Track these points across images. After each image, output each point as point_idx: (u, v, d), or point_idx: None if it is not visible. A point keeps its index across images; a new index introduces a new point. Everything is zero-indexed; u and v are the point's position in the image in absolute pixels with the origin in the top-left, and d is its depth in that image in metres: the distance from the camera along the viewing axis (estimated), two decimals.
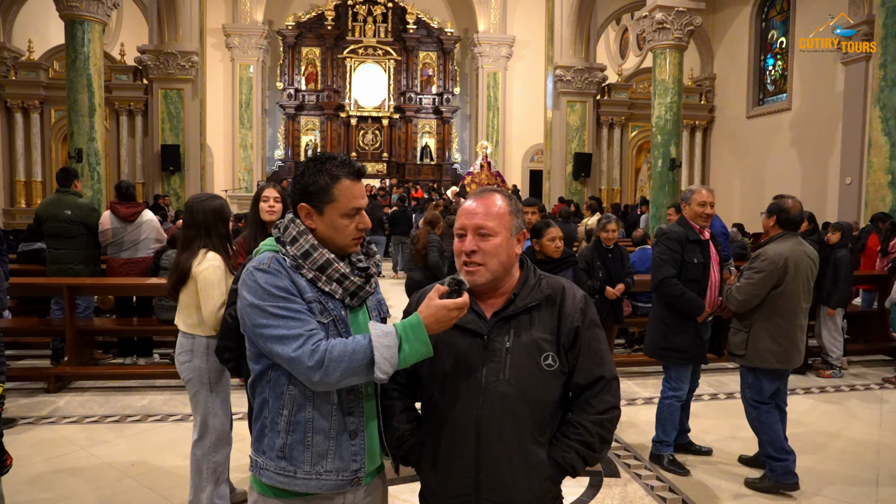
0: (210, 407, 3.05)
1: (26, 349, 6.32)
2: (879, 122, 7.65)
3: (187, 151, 14.22)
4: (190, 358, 3.04)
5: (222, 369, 3.03)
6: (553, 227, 4.02)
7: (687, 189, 4.08)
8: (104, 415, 4.74)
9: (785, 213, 3.63)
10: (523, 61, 19.65)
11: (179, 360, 3.07)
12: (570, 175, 15.38)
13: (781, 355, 3.57)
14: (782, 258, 3.54)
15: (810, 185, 12.79)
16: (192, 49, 13.96)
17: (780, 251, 3.56)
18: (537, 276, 1.69)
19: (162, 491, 3.50)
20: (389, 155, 20.56)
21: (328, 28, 19.89)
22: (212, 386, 3.03)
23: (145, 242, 5.94)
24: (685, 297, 3.76)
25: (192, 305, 3.03)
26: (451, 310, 1.50)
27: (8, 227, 13.08)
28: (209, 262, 2.99)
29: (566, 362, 1.63)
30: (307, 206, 1.61)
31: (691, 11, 10.90)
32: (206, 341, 3.00)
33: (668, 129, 11.06)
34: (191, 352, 3.03)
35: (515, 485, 1.57)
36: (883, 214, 7.36)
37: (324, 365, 1.46)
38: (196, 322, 3.02)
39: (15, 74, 13.91)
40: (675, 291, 3.77)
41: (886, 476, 3.85)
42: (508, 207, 1.64)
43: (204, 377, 3.02)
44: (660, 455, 3.94)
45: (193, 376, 3.04)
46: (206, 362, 3.01)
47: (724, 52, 16.41)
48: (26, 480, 3.58)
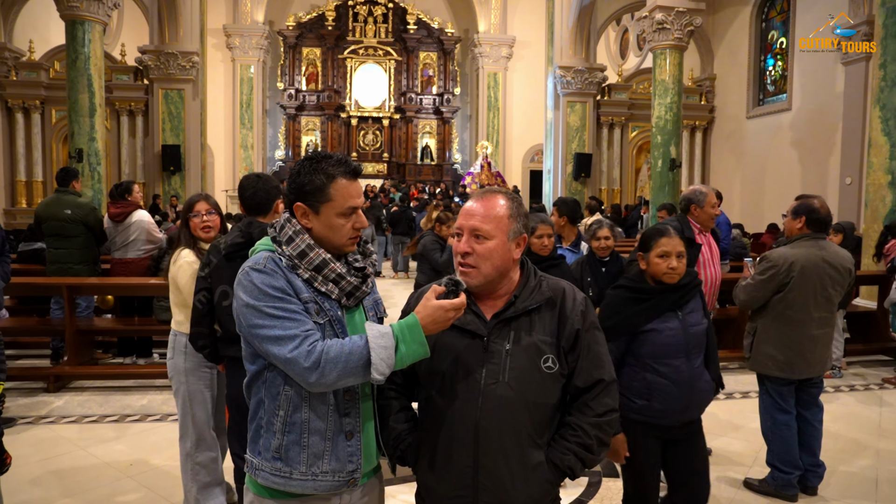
0: (187, 406, 3.04)
1: (26, 349, 6.32)
2: (879, 122, 7.64)
3: (188, 151, 14.22)
4: (172, 355, 3.07)
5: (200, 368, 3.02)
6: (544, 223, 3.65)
7: (696, 191, 3.97)
8: (103, 414, 4.74)
9: (815, 213, 3.40)
10: (523, 62, 19.65)
11: (167, 357, 3.11)
12: (570, 175, 15.38)
13: (784, 364, 3.40)
14: (787, 262, 3.34)
15: (810, 186, 12.77)
16: (192, 49, 13.96)
17: (787, 255, 3.37)
18: (538, 279, 1.68)
19: (160, 491, 3.50)
20: (390, 155, 20.57)
21: (329, 28, 19.91)
22: (189, 385, 3.02)
23: (134, 244, 5.91)
24: None
25: (175, 303, 3.07)
26: (447, 310, 1.49)
27: (9, 226, 13.07)
28: (183, 259, 3.03)
29: (566, 365, 1.62)
30: (303, 205, 1.60)
31: (691, 12, 10.89)
32: (185, 339, 3.01)
33: (669, 129, 11.06)
34: (173, 349, 3.06)
35: (513, 486, 1.57)
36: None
37: (320, 366, 1.46)
38: (180, 319, 3.04)
39: (16, 74, 13.92)
40: None
41: (886, 476, 3.84)
42: (509, 211, 1.62)
43: (181, 375, 3.03)
44: None
45: (173, 374, 3.06)
46: (184, 360, 3.02)
47: (724, 53, 16.40)
48: (26, 480, 3.58)
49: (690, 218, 3.98)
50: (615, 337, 2.46)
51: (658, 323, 2.48)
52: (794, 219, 3.48)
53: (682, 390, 2.46)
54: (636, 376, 2.51)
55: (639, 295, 2.53)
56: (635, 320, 2.49)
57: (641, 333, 2.49)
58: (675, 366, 2.46)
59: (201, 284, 2.72)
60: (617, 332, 2.49)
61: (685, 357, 2.48)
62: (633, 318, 2.50)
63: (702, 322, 2.55)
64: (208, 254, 2.73)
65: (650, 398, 2.47)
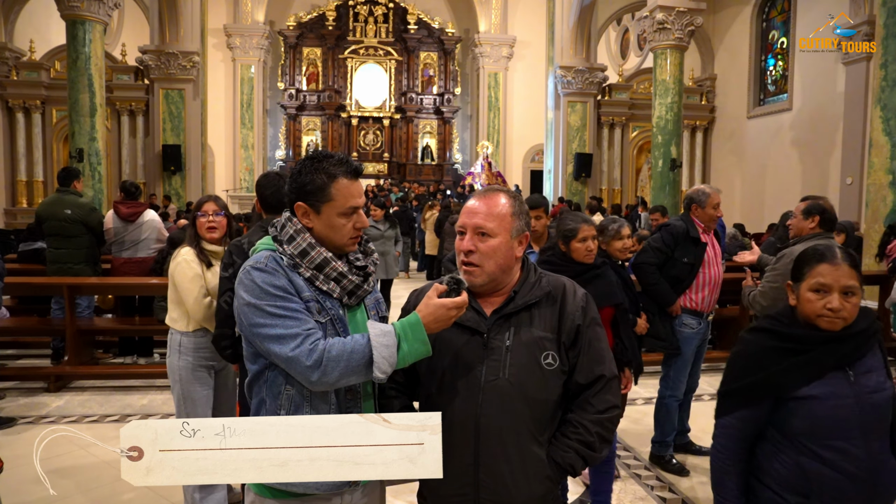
0: (181, 406, 3.03)
1: (26, 349, 6.33)
2: (880, 122, 7.63)
3: (188, 151, 14.23)
4: (169, 354, 3.06)
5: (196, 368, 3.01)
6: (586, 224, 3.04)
7: (699, 191, 3.98)
8: (104, 414, 4.75)
9: (827, 213, 3.48)
10: (524, 62, 19.65)
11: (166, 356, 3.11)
12: (570, 175, 15.38)
13: None
14: None
15: (811, 186, 12.76)
16: (193, 49, 13.97)
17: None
18: (538, 275, 1.68)
19: (160, 491, 3.49)
20: (390, 155, 20.58)
21: (329, 28, 19.91)
22: (182, 384, 3.01)
23: (146, 242, 5.95)
24: (658, 287, 3.81)
25: (171, 300, 3.07)
26: (449, 309, 1.49)
27: (10, 226, 13.09)
28: (182, 256, 3.03)
29: (566, 361, 1.62)
30: (304, 204, 1.60)
31: (692, 12, 10.89)
32: (179, 338, 3.01)
33: (669, 129, 11.06)
34: (169, 347, 3.06)
35: (515, 484, 1.57)
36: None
37: (322, 364, 1.46)
38: (175, 317, 3.04)
39: (16, 74, 13.93)
40: (650, 279, 3.83)
41: None
42: (511, 209, 1.63)
43: (175, 374, 3.02)
44: (659, 455, 3.94)
45: (169, 373, 3.05)
46: (177, 359, 3.01)
47: (724, 53, 16.40)
48: (26, 480, 3.58)
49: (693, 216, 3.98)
50: (753, 402, 1.77)
51: (820, 387, 1.71)
52: (805, 218, 3.49)
53: (858, 486, 1.67)
54: (786, 462, 1.74)
55: (791, 344, 1.76)
56: (785, 380, 1.73)
57: (793, 400, 1.72)
58: (847, 450, 1.68)
59: (225, 285, 2.61)
60: (757, 397, 1.76)
61: (861, 437, 1.68)
62: (781, 376, 1.73)
63: (885, 387, 1.74)
64: (231, 254, 2.64)
65: (809, 495, 1.70)
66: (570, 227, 3.02)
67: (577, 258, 3.02)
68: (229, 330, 2.65)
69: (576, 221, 3.04)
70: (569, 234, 3.03)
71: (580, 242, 3.00)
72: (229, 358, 2.79)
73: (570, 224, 3.03)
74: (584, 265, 3.02)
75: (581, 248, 3.00)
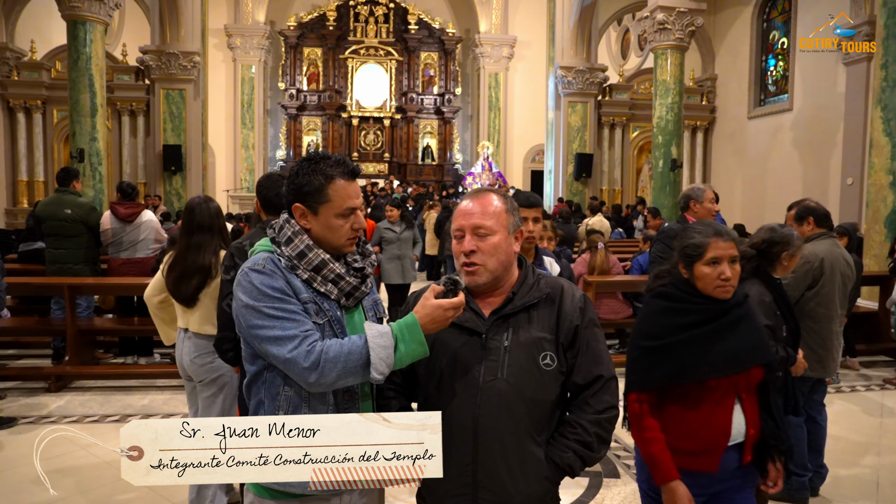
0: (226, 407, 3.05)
1: (27, 349, 6.33)
2: (881, 122, 7.63)
3: (189, 151, 14.23)
4: (213, 359, 3.01)
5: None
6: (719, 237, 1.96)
7: (693, 188, 4.03)
8: (105, 414, 4.75)
9: (816, 210, 3.54)
10: (525, 62, 19.64)
11: (202, 360, 3.04)
12: (571, 175, 15.39)
13: (816, 364, 3.39)
14: (818, 258, 3.43)
15: (811, 186, 12.76)
16: (193, 49, 13.97)
17: (816, 251, 3.46)
18: (536, 276, 1.69)
19: (161, 490, 3.50)
20: (391, 155, 20.57)
21: (330, 28, 19.91)
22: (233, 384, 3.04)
23: (144, 243, 5.94)
24: None
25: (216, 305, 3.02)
26: (446, 309, 1.50)
27: (10, 226, 13.11)
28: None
29: (565, 361, 1.62)
30: (302, 206, 1.60)
31: (692, 12, 10.89)
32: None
33: (670, 129, 11.06)
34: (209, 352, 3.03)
35: (513, 484, 1.57)
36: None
37: (319, 366, 1.46)
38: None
39: (17, 74, 13.94)
40: None
41: (888, 478, 3.84)
42: (505, 206, 1.64)
43: (227, 376, 3.04)
44: None
45: (216, 376, 3.04)
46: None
47: (725, 53, 16.39)
48: (26, 480, 3.58)
49: (690, 215, 4.00)
50: None
51: None
52: (800, 224, 3.57)
53: None
54: None
55: None
56: None
57: None
58: None
59: (227, 288, 2.56)
60: None
61: None
62: None
63: None
64: (232, 256, 2.61)
65: None
66: (694, 240, 1.99)
67: (705, 290, 1.97)
68: (231, 333, 2.63)
69: (704, 233, 1.98)
70: (692, 254, 1.98)
71: (709, 266, 1.95)
72: (231, 361, 2.79)
73: (695, 237, 1.99)
74: (718, 304, 1.97)
75: (710, 275, 1.95)
